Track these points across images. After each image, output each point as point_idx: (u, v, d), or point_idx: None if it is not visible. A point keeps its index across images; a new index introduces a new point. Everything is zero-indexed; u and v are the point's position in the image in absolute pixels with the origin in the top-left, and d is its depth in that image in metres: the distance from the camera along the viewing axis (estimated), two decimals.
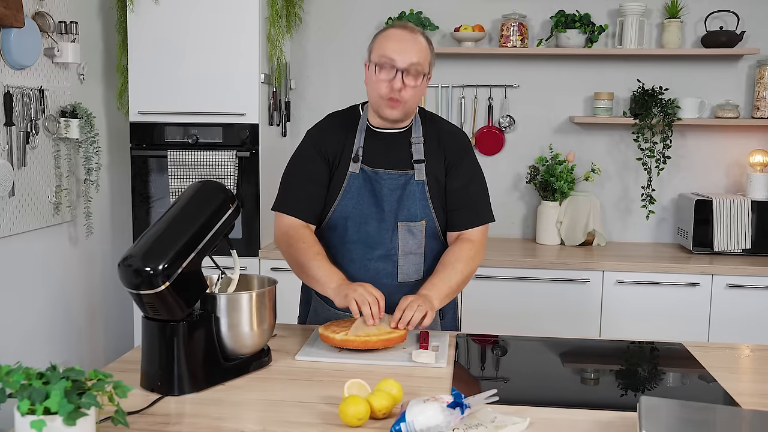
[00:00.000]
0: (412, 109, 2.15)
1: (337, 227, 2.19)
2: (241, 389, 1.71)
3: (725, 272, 3.36)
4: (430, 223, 2.17)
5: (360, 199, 2.16)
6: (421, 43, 2.10)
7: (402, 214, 2.15)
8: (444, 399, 1.46)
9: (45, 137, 3.17)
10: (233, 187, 3.49)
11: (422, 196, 2.16)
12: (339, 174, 2.18)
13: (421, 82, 2.10)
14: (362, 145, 2.18)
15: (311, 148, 2.22)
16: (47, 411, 1.25)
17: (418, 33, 2.12)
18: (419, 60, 2.07)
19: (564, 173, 3.76)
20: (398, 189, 2.15)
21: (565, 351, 2.12)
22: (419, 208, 2.16)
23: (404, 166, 2.17)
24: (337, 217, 2.18)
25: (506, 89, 3.98)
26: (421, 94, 2.16)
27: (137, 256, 1.62)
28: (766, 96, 3.71)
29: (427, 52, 2.11)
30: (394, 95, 2.07)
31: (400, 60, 2.06)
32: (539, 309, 3.42)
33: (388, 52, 2.07)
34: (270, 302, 1.83)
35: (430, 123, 2.24)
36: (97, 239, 3.63)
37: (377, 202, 2.15)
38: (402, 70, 2.06)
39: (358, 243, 2.17)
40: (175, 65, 3.52)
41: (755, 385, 1.86)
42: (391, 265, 2.17)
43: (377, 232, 2.16)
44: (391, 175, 2.16)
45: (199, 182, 1.84)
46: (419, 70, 2.08)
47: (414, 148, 2.18)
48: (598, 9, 3.88)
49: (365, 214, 2.16)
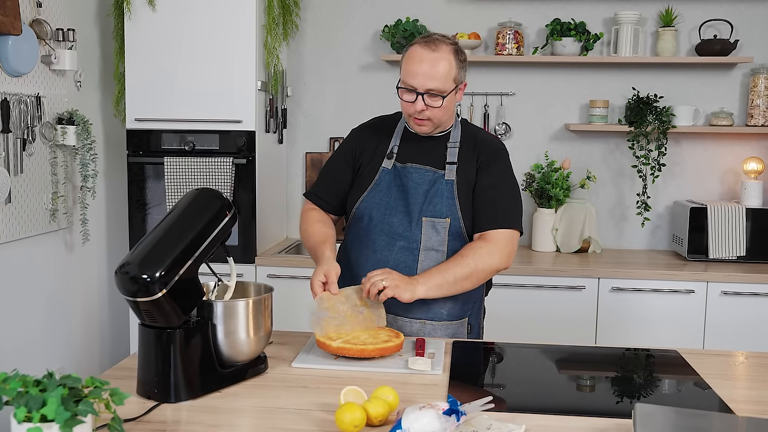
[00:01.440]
0: (443, 122, 2.20)
1: (363, 218, 2.25)
2: (237, 396, 1.72)
3: (720, 279, 3.37)
4: (455, 223, 2.19)
5: (389, 192, 2.23)
6: (444, 62, 2.11)
7: (427, 210, 2.19)
8: (440, 406, 1.46)
9: (42, 144, 3.17)
10: (230, 195, 3.49)
11: (450, 195, 2.19)
12: (371, 169, 2.26)
13: (446, 101, 2.13)
14: (398, 144, 2.27)
15: (344, 148, 2.36)
16: (44, 418, 1.26)
17: (441, 49, 2.12)
18: (436, 85, 2.10)
19: (559, 180, 3.78)
20: (425, 184, 2.20)
21: (561, 358, 2.12)
22: (445, 206, 2.18)
23: (436, 164, 2.22)
24: (365, 208, 2.24)
25: (502, 97, 4.00)
26: (451, 107, 2.19)
27: (134, 263, 1.63)
28: (759, 104, 3.73)
29: (449, 70, 2.11)
30: (417, 116, 2.15)
31: (418, 85, 2.11)
32: (535, 316, 3.43)
33: (408, 77, 2.12)
34: (266, 309, 1.83)
35: (469, 130, 2.29)
36: (93, 246, 3.63)
37: (404, 195, 2.21)
38: (421, 94, 2.10)
39: (381, 234, 2.21)
40: (171, 72, 3.53)
41: (750, 392, 1.87)
42: (411, 258, 2.20)
43: (401, 224, 2.20)
44: (419, 169, 2.21)
45: (195, 190, 1.84)
46: (439, 92, 2.11)
47: (449, 151, 2.23)
48: (593, 17, 3.90)
49: (391, 206, 2.22)
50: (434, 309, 2.21)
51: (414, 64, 2.11)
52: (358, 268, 2.23)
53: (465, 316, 2.28)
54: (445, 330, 2.24)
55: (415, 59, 2.11)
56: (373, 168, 2.26)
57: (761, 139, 3.87)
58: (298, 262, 3.56)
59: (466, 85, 2.22)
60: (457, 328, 2.26)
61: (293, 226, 4.14)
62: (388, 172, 2.24)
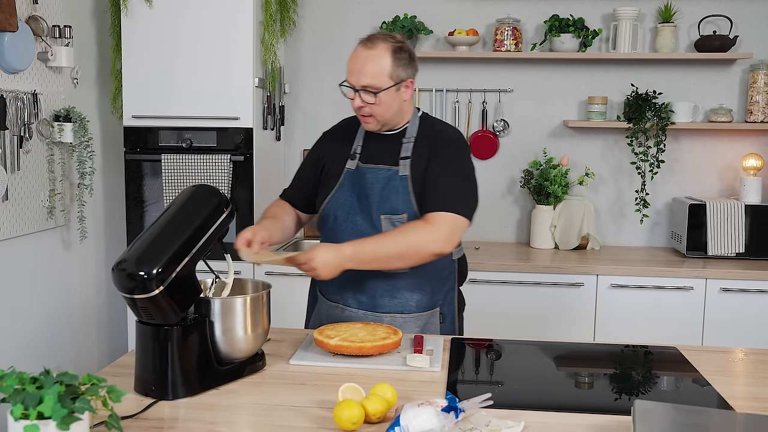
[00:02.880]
0: (387, 119, 2.22)
1: (328, 219, 2.30)
2: (235, 393, 1.71)
3: (719, 276, 3.36)
4: (412, 217, 2.20)
5: (351, 192, 2.27)
6: (378, 60, 2.13)
7: (384, 207, 2.21)
8: (438, 403, 1.46)
9: (38, 141, 3.16)
10: (227, 191, 3.48)
11: (404, 190, 2.20)
12: (336, 170, 2.30)
13: (382, 98, 2.14)
14: (361, 144, 2.30)
15: (311, 152, 2.43)
16: (41, 416, 1.25)
17: (377, 47, 2.14)
18: (369, 81, 2.13)
19: (558, 177, 3.77)
20: (380, 183, 2.23)
21: (560, 355, 2.12)
22: (401, 201, 2.20)
23: (391, 162, 2.24)
24: (330, 208, 2.29)
25: (500, 93, 3.99)
26: (394, 104, 2.19)
27: (131, 260, 1.62)
28: (759, 100, 3.72)
29: (385, 67, 2.13)
30: (360, 112, 2.20)
31: (354, 82, 2.16)
32: (533, 313, 3.42)
33: (347, 74, 2.19)
34: (264, 306, 1.83)
35: (427, 124, 2.30)
36: (90, 243, 3.62)
37: (364, 195, 2.24)
38: (358, 90, 2.15)
39: (346, 233, 2.24)
40: (169, 69, 3.52)
41: (749, 388, 1.87)
42: None
43: (363, 223, 2.23)
44: (373, 169, 2.25)
45: (193, 186, 1.84)
46: (372, 90, 2.13)
47: (404, 146, 2.24)
48: (591, 13, 3.89)
49: (353, 206, 2.25)
50: (402, 302, 2.23)
51: (351, 62, 2.17)
52: None
53: (436, 306, 2.29)
54: (416, 322, 2.25)
55: (352, 58, 2.18)
56: (338, 169, 2.30)
57: (760, 135, 3.87)
58: None
59: (413, 82, 2.21)
60: (429, 318, 2.27)
61: None
62: (351, 173, 2.28)
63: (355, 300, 2.25)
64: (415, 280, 2.23)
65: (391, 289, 2.23)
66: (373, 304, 2.24)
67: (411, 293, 2.24)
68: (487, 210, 4.00)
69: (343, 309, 2.27)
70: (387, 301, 2.23)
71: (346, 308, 2.27)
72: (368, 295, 2.24)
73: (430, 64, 3.98)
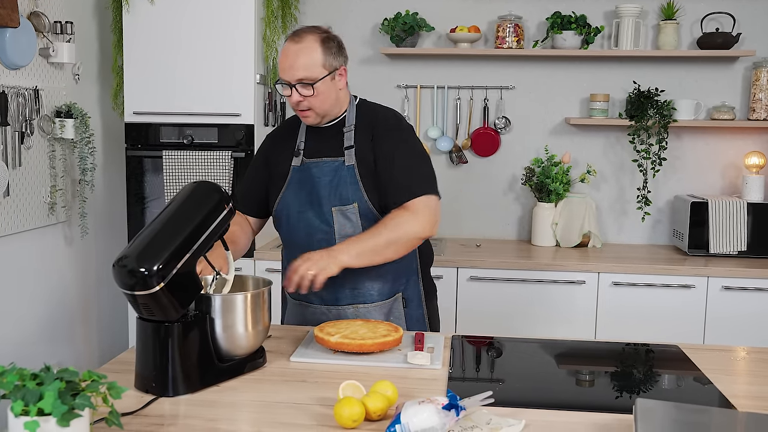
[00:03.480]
0: (327, 109, 2.22)
1: (281, 218, 2.30)
2: (235, 390, 1.71)
3: (721, 274, 3.36)
4: (363, 205, 2.21)
5: (300, 190, 2.26)
6: (307, 52, 2.14)
7: (335, 199, 2.22)
8: (439, 401, 1.46)
9: (40, 137, 3.16)
10: (228, 188, 3.48)
11: (353, 180, 2.21)
12: (283, 169, 2.30)
13: (319, 88, 2.15)
14: (304, 140, 2.29)
15: (258, 154, 2.42)
16: (41, 412, 1.25)
17: (305, 39, 2.15)
18: (303, 74, 2.13)
19: (559, 175, 3.77)
20: (328, 175, 2.23)
21: (561, 353, 2.12)
22: (350, 191, 2.21)
23: (336, 153, 2.24)
24: (282, 208, 2.29)
25: (502, 90, 3.98)
26: (331, 93, 2.19)
27: (132, 256, 1.62)
28: (761, 98, 3.71)
29: (316, 58, 2.14)
30: (298, 107, 2.19)
31: (288, 77, 2.15)
32: (535, 311, 3.42)
33: (280, 72, 2.17)
34: (265, 303, 1.83)
35: (364, 110, 2.30)
36: (92, 240, 3.62)
37: (314, 190, 2.24)
38: (293, 86, 2.15)
39: (300, 230, 2.26)
40: (170, 65, 3.51)
41: (751, 387, 1.86)
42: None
43: (316, 218, 2.23)
44: (318, 162, 2.25)
45: (194, 183, 1.83)
46: (308, 80, 2.13)
47: (345, 135, 2.25)
48: (594, 10, 3.88)
49: (304, 202, 2.25)
50: (363, 292, 2.24)
51: (282, 59, 2.17)
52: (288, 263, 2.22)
53: (398, 292, 2.29)
54: (380, 310, 2.25)
55: (283, 54, 2.17)
56: (284, 168, 2.29)
57: (763, 133, 3.86)
58: None
59: (345, 70, 2.23)
60: (392, 305, 2.27)
61: None
62: (297, 170, 2.27)
63: (317, 296, 2.23)
64: (376, 269, 2.19)
65: (352, 280, 2.20)
66: (335, 298, 2.24)
67: (372, 282, 2.23)
68: (488, 207, 4.00)
69: (306, 306, 2.28)
70: (348, 293, 2.23)
71: (309, 305, 2.28)
72: (328, 289, 2.18)
73: (431, 61, 3.98)
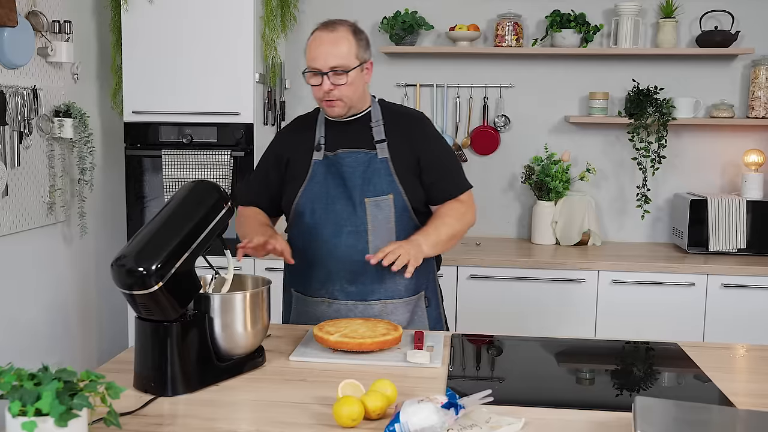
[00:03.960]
0: (355, 101, 2.23)
1: (305, 212, 2.26)
2: (234, 390, 1.71)
3: (720, 272, 3.36)
4: (399, 197, 2.22)
5: (325, 182, 2.25)
6: (342, 41, 2.15)
7: (368, 190, 2.22)
8: (438, 399, 1.46)
9: (38, 137, 3.15)
10: (228, 187, 3.48)
11: (387, 172, 2.22)
12: (302, 165, 2.28)
13: (351, 77, 2.16)
14: (323, 135, 2.28)
15: (269, 153, 2.40)
16: (39, 412, 1.25)
17: (339, 30, 2.17)
18: (339, 62, 2.14)
19: (559, 173, 3.76)
20: (361, 166, 2.23)
21: (560, 351, 2.12)
22: (385, 183, 2.21)
23: (365, 146, 2.25)
24: (305, 202, 2.26)
25: (501, 89, 3.98)
26: (361, 84, 2.22)
27: (130, 256, 1.62)
28: (760, 96, 3.71)
29: (351, 47, 2.16)
30: (327, 97, 2.18)
31: (321, 65, 2.15)
32: (534, 309, 3.42)
33: (311, 61, 2.17)
34: (264, 302, 1.82)
35: (387, 107, 2.33)
36: (91, 239, 3.62)
37: (342, 182, 2.23)
38: (326, 74, 2.14)
39: (326, 223, 2.24)
40: (169, 65, 3.51)
41: (750, 385, 1.86)
42: (361, 241, 2.21)
43: (345, 210, 2.22)
44: (351, 153, 2.24)
45: (192, 182, 1.83)
46: (343, 69, 2.14)
47: (375, 130, 2.26)
48: (593, 9, 3.87)
49: (331, 195, 2.24)
50: (391, 287, 2.24)
51: (315, 47, 2.17)
52: (307, 261, 2.25)
53: (421, 290, 2.31)
54: (405, 307, 2.26)
55: (315, 42, 2.17)
56: (303, 164, 2.28)
57: (762, 131, 3.86)
58: None
59: (372, 64, 2.25)
60: (416, 303, 2.29)
61: None
62: (321, 164, 2.26)
63: (343, 291, 2.23)
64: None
65: (379, 273, 2.20)
66: (363, 292, 2.23)
67: (398, 276, 2.21)
68: (488, 206, 3.99)
69: (330, 303, 2.26)
70: (377, 287, 2.23)
71: (333, 302, 2.25)
72: (357, 284, 2.22)
73: (430, 60, 3.97)
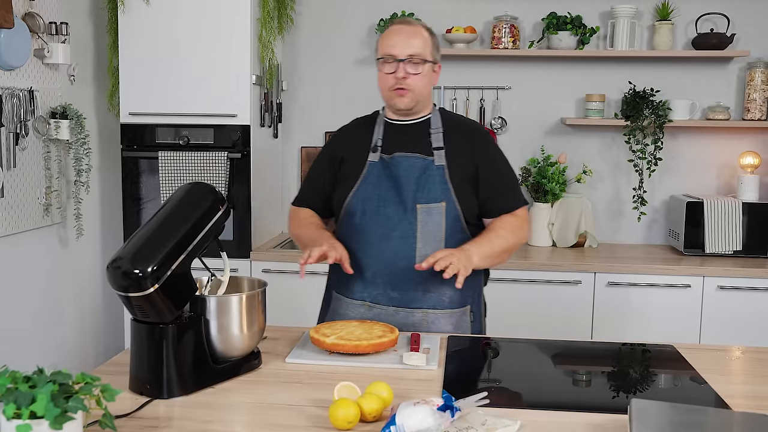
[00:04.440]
0: (422, 96, 2.24)
1: (355, 213, 2.25)
2: (230, 392, 1.71)
3: (716, 274, 3.36)
4: (451, 206, 2.20)
5: (379, 184, 2.24)
6: (420, 34, 2.22)
7: (421, 197, 2.20)
8: (434, 402, 1.45)
9: (35, 138, 3.15)
10: (224, 189, 3.47)
11: (442, 180, 2.21)
12: (357, 165, 2.28)
13: (425, 70, 2.20)
14: (381, 137, 2.29)
15: (324, 152, 2.42)
16: (33, 415, 1.24)
17: (417, 25, 2.25)
18: (417, 51, 2.19)
19: (555, 175, 3.76)
20: (416, 172, 2.22)
21: (557, 353, 2.12)
22: (439, 191, 2.20)
23: (423, 151, 2.25)
24: (356, 203, 2.25)
25: (498, 91, 3.98)
26: (430, 82, 2.26)
27: (126, 258, 1.61)
28: (756, 98, 3.72)
29: (427, 42, 2.23)
30: (399, 84, 2.20)
31: (399, 52, 2.19)
32: (530, 311, 3.42)
33: (388, 48, 2.21)
34: (260, 304, 1.82)
35: (448, 117, 2.34)
36: (87, 241, 3.61)
37: (395, 186, 2.22)
38: (402, 60, 2.18)
39: (376, 225, 2.22)
40: (166, 66, 3.51)
41: (746, 387, 1.86)
42: (409, 247, 2.20)
43: (395, 214, 2.20)
44: (407, 157, 2.24)
45: (188, 184, 1.83)
46: (420, 59, 2.19)
47: (433, 137, 2.26)
48: (589, 11, 3.88)
49: (383, 197, 2.23)
50: (435, 297, 2.21)
51: (392, 36, 2.22)
52: (356, 262, 2.23)
53: (467, 304, 2.27)
54: (448, 319, 2.23)
55: (393, 32, 2.23)
56: (358, 164, 2.27)
57: (758, 133, 3.87)
58: (293, 257, 3.54)
59: (440, 67, 2.30)
60: (460, 316, 2.25)
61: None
62: (376, 165, 2.25)
63: (386, 296, 2.22)
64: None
65: (425, 282, 2.19)
66: (406, 299, 2.21)
67: (444, 288, 2.20)
68: None
69: (370, 307, 2.23)
70: (420, 295, 2.21)
71: (374, 306, 2.23)
72: (400, 290, 2.20)
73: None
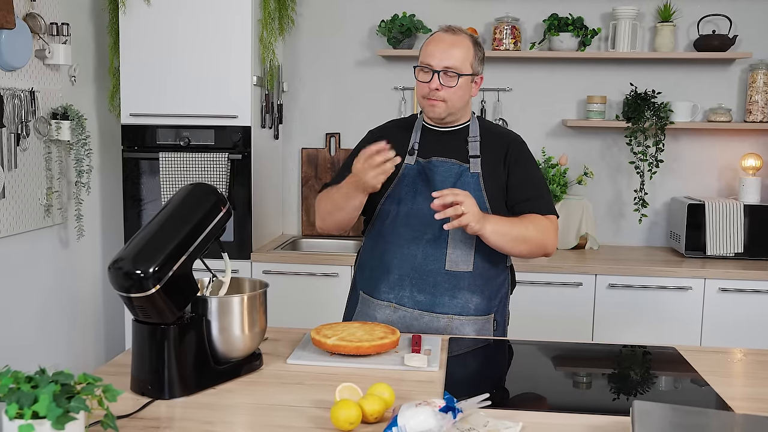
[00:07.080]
0: (457, 108, 2.23)
1: (389, 213, 2.25)
2: (232, 393, 1.70)
3: (717, 276, 3.36)
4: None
5: (413, 187, 2.24)
6: (462, 44, 2.20)
7: None
8: (436, 403, 1.45)
9: (36, 139, 3.15)
10: (225, 190, 3.47)
11: (476, 187, 2.21)
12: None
13: (461, 82, 2.18)
14: (418, 140, 2.30)
15: (359, 148, 2.32)
16: (35, 415, 1.24)
17: (461, 35, 2.22)
18: (454, 63, 2.17)
19: (557, 177, 3.76)
20: (452, 177, 2.22)
21: (558, 355, 2.11)
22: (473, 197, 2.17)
23: (459, 158, 2.25)
24: (390, 202, 2.25)
25: (499, 92, 3.98)
26: (466, 94, 2.24)
27: (127, 258, 1.61)
28: (758, 100, 3.72)
29: (468, 53, 2.20)
30: (431, 95, 2.19)
31: (436, 63, 2.18)
32: (531, 313, 3.40)
33: (426, 57, 2.20)
34: (261, 305, 1.82)
35: (486, 126, 2.34)
36: (88, 242, 3.61)
37: (430, 190, 2.19)
38: (438, 72, 2.16)
39: (408, 227, 2.22)
40: (167, 67, 3.51)
41: (748, 389, 1.86)
42: (439, 251, 2.20)
43: (427, 217, 2.17)
44: (444, 162, 2.24)
45: (190, 185, 1.83)
46: (455, 72, 2.16)
47: (471, 145, 2.26)
48: (591, 12, 3.88)
49: (417, 201, 2.23)
50: (461, 303, 2.21)
51: (433, 45, 2.21)
52: (384, 263, 2.24)
53: (491, 312, 2.27)
54: (472, 326, 2.23)
55: (434, 41, 2.21)
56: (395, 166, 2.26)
57: (759, 135, 3.86)
58: (294, 258, 3.54)
59: (482, 79, 2.28)
60: (484, 324, 2.25)
61: (289, 222, 4.13)
62: (412, 167, 2.26)
63: (412, 299, 2.21)
64: (476, 282, 2.21)
65: (452, 288, 2.20)
66: (432, 303, 2.21)
67: (471, 295, 2.21)
68: None
69: (396, 308, 2.23)
70: (447, 300, 2.21)
71: (399, 307, 2.22)
72: (427, 293, 2.20)
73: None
